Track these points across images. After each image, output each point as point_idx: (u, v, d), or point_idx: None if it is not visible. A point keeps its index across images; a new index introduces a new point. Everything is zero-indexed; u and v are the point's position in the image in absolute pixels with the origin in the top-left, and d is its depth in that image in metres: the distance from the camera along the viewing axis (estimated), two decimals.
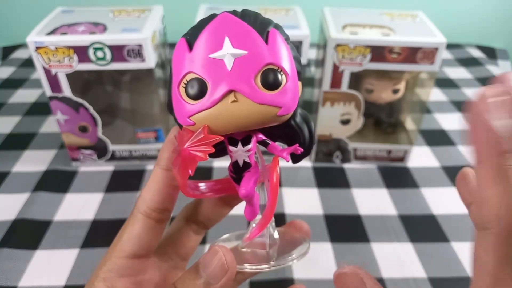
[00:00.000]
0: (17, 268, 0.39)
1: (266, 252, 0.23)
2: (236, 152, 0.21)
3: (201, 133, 0.18)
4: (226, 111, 0.18)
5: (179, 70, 0.19)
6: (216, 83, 0.18)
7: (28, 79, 0.73)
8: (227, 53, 0.18)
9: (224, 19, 0.19)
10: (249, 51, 0.18)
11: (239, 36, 0.18)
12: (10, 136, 0.58)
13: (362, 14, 0.51)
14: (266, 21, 0.19)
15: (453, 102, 0.69)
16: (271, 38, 0.18)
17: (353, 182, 0.51)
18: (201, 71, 0.18)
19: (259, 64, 0.18)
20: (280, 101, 0.18)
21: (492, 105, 0.15)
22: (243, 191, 0.21)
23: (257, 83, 0.18)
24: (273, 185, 0.20)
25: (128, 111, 0.51)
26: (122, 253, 0.21)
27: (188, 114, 0.18)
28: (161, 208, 0.22)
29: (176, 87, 0.19)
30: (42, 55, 0.42)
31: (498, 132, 0.15)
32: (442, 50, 0.44)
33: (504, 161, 0.15)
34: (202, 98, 0.18)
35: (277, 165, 0.20)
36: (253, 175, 0.21)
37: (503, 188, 0.15)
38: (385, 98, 0.51)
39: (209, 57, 0.18)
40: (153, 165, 0.53)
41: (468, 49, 0.87)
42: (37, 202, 0.47)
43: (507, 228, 0.14)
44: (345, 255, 0.42)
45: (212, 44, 0.18)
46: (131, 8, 0.50)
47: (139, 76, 0.47)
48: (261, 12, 0.50)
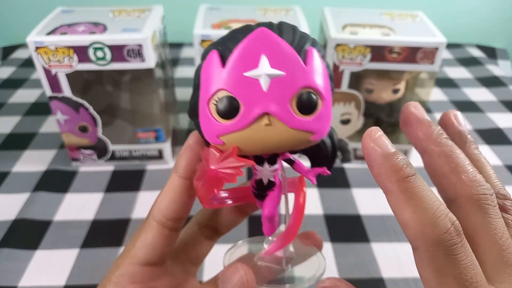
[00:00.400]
0: (17, 268, 0.39)
1: (282, 268, 0.23)
2: (262, 171, 0.20)
3: (231, 154, 0.18)
4: (258, 134, 0.17)
5: (210, 85, 0.18)
6: (250, 104, 0.17)
7: (28, 79, 0.73)
8: (264, 73, 0.17)
9: (262, 34, 0.17)
10: (286, 72, 0.17)
11: (276, 55, 0.17)
12: (10, 136, 0.58)
13: (362, 14, 0.51)
14: (304, 38, 0.18)
15: (453, 102, 0.69)
16: (309, 58, 0.17)
17: (353, 182, 0.51)
18: (234, 89, 0.17)
19: (296, 86, 0.17)
20: (314, 127, 0.18)
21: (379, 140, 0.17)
22: (267, 213, 0.20)
23: (293, 106, 0.17)
24: (300, 206, 0.20)
25: (128, 111, 0.51)
26: (135, 260, 0.21)
27: (218, 133, 0.18)
28: (177, 217, 0.21)
29: (205, 103, 0.18)
30: (42, 55, 0.42)
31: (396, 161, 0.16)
32: (442, 50, 0.44)
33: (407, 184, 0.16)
34: (233, 118, 0.17)
35: (304, 186, 0.20)
36: (277, 195, 0.21)
37: (414, 208, 0.16)
38: (385, 98, 0.51)
39: (243, 75, 0.17)
40: (153, 165, 0.53)
41: (468, 49, 0.87)
42: (37, 202, 0.47)
43: (429, 245, 0.15)
44: (345, 255, 0.42)
45: (248, 62, 0.17)
46: (131, 8, 0.50)
47: (139, 76, 0.47)
48: (261, 12, 0.51)
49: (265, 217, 0.21)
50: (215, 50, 0.18)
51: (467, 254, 0.15)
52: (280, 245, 0.21)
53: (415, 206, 0.16)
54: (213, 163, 0.18)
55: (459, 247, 0.15)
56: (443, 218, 0.15)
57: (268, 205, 0.21)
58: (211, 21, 0.47)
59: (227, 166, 0.18)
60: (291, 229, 0.20)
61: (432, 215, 0.15)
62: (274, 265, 0.23)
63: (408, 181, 0.16)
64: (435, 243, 0.15)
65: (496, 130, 0.62)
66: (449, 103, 0.69)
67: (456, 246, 0.15)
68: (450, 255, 0.15)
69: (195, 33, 0.44)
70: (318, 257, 0.23)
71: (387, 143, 0.17)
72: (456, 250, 0.15)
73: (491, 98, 0.70)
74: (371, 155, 0.17)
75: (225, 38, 0.18)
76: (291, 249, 0.23)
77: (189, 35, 0.46)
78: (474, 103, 0.69)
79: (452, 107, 0.68)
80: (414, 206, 0.16)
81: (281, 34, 0.17)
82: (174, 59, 0.81)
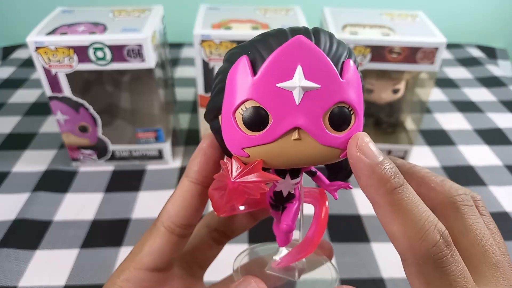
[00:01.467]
0: (17, 268, 0.39)
1: (294, 280, 0.22)
2: (283, 184, 0.19)
3: (256, 169, 0.17)
4: (286, 148, 0.16)
5: (237, 93, 0.16)
6: (280, 117, 0.16)
7: (28, 79, 0.73)
8: (298, 85, 0.16)
9: (298, 42, 0.16)
10: (322, 84, 0.16)
11: (312, 66, 0.16)
12: (10, 136, 0.59)
13: (362, 14, 0.51)
14: (341, 48, 0.17)
15: (453, 102, 0.69)
16: (345, 71, 0.16)
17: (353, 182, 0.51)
18: (264, 100, 0.16)
19: (331, 101, 0.16)
20: (346, 144, 0.17)
21: (365, 149, 0.16)
22: (285, 227, 0.20)
23: (325, 122, 0.16)
24: (321, 221, 0.19)
25: (128, 111, 0.51)
26: (141, 265, 0.21)
27: (243, 145, 0.17)
28: (186, 224, 0.21)
29: (231, 112, 0.17)
30: (42, 55, 0.43)
31: (384, 172, 0.16)
32: (442, 50, 0.44)
33: (395, 197, 0.15)
34: (261, 131, 0.16)
35: (326, 200, 0.19)
36: (296, 209, 0.20)
37: (402, 221, 0.15)
38: (385, 98, 0.51)
39: (275, 86, 0.16)
40: (153, 165, 0.53)
41: (468, 49, 0.87)
42: (37, 202, 0.47)
43: (417, 258, 0.15)
44: (345, 255, 0.42)
45: (281, 72, 0.16)
46: (131, 8, 0.50)
47: (139, 76, 0.47)
48: (261, 12, 0.51)
49: (283, 231, 0.20)
50: (246, 55, 0.16)
51: (457, 264, 0.15)
52: (295, 259, 0.21)
53: (403, 219, 0.15)
54: (236, 176, 0.17)
55: (448, 258, 0.15)
56: (431, 231, 0.15)
57: (287, 219, 0.20)
58: (211, 21, 0.47)
59: (250, 180, 0.17)
60: (310, 243, 0.20)
61: (421, 228, 0.15)
62: (285, 277, 0.22)
63: (395, 193, 0.15)
64: (424, 257, 0.15)
65: (496, 130, 0.62)
66: (449, 103, 0.69)
67: (446, 258, 0.15)
68: (440, 268, 0.15)
69: (195, 33, 0.44)
70: (330, 268, 0.22)
71: (374, 152, 0.16)
72: (446, 262, 0.15)
73: (491, 98, 0.70)
74: (357, 165, 0.16)
75: (256, 42, 0.17)
76: (303, 260, 0.23)
77: (189, 35, 0.46)
78: (474, 103, 0.69)
79: (452, 107, 0.68)
80: (402, 219, 0.15)
81: (318, 43, 0.16)
82: (174, 59, 0.80)
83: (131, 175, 0.52)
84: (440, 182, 0.19)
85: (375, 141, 0.49)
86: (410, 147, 0.53)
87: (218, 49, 0.44)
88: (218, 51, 0.44)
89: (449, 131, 0.62)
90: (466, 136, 0.60)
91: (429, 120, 0.64)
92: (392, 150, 0.53)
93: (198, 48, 0.44)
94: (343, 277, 0.39)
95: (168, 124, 0.53)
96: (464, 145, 0.58)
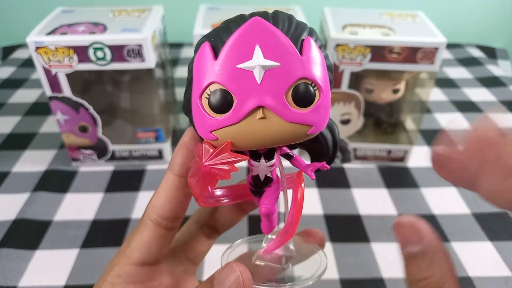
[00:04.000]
0: (17, 268, 0.39)
1: (282, 267, 0.22)
2: (258, 167, 0.19)
3: (224, 150, 0.17)
4: (252, 128, 0.17)
5: (201, 78, 0.17)
6: (243, 97, 0.16)
7: (28, 79, 0.73)
8: (257, 65, 0.16)
9: (255, 24, 0.16)
10: (281, 62, 0.16)
11: (271, 45, 0.16)
12: (10, 136, 0.58)
13: (362, 14, 0.51)
14: (300, 27, 0.17)
15: (453, 102, 0.69)
16: (305, 48, 0.17)
17: (353, 182, 0.51)
18: (227, 82, 0.16)
19: (292, 78, 0.16)
20: (312, 120, 0.17)
21: None
22: (264, 210, 0.20)
23: (288, 99, 0.16)
24: (298, 202, 0.19)
25: (128, 111, 0.51)
26: (130, 260, 0.21)
27: (210, 128, 0.17)
28: (172, 216, 0.21)
29: (197, 97, 0.17)
30: (42, 55, 0.42)
31: None
32: (442, 50, 0.44)
33: None
34: (226, 112, 0.16)
35: (302, 181, 0.19)
36: (274, 191, 0.20)
37: None
38: (385, 98, 0.51)
39: (236, 67, 0.16)
40: (153, 165, 0.53)
41: (468, 49, 0.87)
42: (37, 202, 0.47)
43: None
44: (345, 255, 0.42)
45: (241, 53, 0.16)
46: (131, 8, 0.50)
47: (139, 76, 0.47)
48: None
49: (261, 214, 0.20)
50: (207, 41, 0.17)
51: None
52: (278, 243, 0.21)
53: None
54: (206, 159, 0.17)
55: None
56: None
57: (265, 202, 0.20)
58: (211, 21, 0.47)
59: (220, 162, 0.17)
60: (289, 226, 0.20)
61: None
62: (273, 264, 0.22)
63: None
64: None
65: None
66: (449, 103, 0.69)
67: None
68: None
69: (195, 33, 0.44)
70: (320, 255, 0.23)
71: None
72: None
73: (491, 98, 0.70)
74: None
75: (218, 29, 0.17)
76: (291, 247, 0.23)
77: (189, 35, 0.46)
78: (474, 103, 0.69)
79: (452, 107, 0.68)
80: None
81: (276, 24, 0.17)
82: (174, 59, 0.81)
83: (131, 175, 0.52)
84: None
85: (375, 141, 0.49)
86: (410, 147, 0.53)
87: None
88: None
89: (449, 131, 0.62)
90: None
91: (429, 120, 0.64)
92: (392, 150, 0.53)
93: None
94: (343, 277, 0.39)
95: (168, 124, 0.53)
96: None
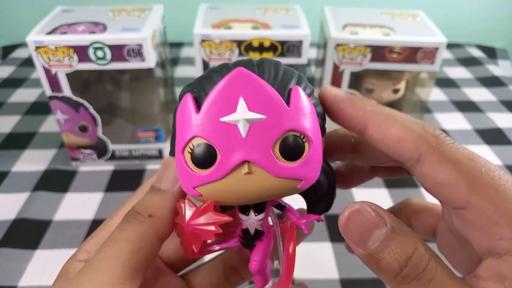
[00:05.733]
0: (17, 268, 0.39)
1: None
2: (248, 221, 0.18)
3: (207, 209, 0.16)
4: (238, 183, 0.16)
5: (184, 132, 0.16)
6: (227, 152, 0.15)
7: (28, 79, 0.73)
8: (242, 118, 0.15)
9: (239, 75, 0.16)
10: (267, 115, 0.15)
11: (256, 97, 0.15)
12: (10, 135, 0.58)
13: (362, 14, 0.51)
14: (287, 77, 0.16)
15: (453, 102, 0.69)
16: (293, 98, 0.16)
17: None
18: (210, 136, 0.15)
19: (279, 130, 0.15)
20: (302, 174, 0.16)
21: None
22: (254, 266, 0.19)
23: (276, 152, 0.16)
24: (290, 257, 0.18)
25: (128, 110, 0.51)
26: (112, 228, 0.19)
27: (193, 184, 0.16)
28: None
29: (180, 151, 0.16)
30: (42, 55, 0.42)
31: None
32: (442, 49, 0.44)
33: None
34: (210, 168, 0.16)
35: (294, 235, 0.18)
36: (265, 246, 0.19)
37: None
38: (385, 98, 0.51)
39: (220, 121, 0.15)
40: (153, 164, 0.53)
41: (468, 48, 0.87)
42: (37, 201, 0.47)
43: None
44: (345, 255, 0.41)
45: (224, 105, 0.15)
46: (131, 8, 0.50)
47: (139, 75, 0.47)
48: (261, 11, 0.51)
49: (252, 271, 0.19)
50: (189, 93, 0.16)
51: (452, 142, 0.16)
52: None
53: None
54: (188, 219, 0.17)
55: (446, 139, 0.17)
56: None
57: (255, 258, 0.19)
58: (211, 20, 0.47)
59: (203, 222, 0.16)
60: (282, 281, 0.18)
61: None
62: None
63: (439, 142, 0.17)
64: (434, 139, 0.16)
65: (496, 130, 0.62)
66: (449, 103, 0.69)
67: None
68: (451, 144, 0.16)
69: (195, 32, 0.44)
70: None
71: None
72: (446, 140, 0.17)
73: (491, 98, 0.70)
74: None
75: (202, 78, 0.16)
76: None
77: (189, 34, 0.46)
78: (474, 103, 0.69)
79: (452, 107, 0.68)
80: None
81: (261, 74, 0.16)
82: (174, 58, 0.80)
83: (131, 174, 0.52)
84: None
85: None
86: None
87: (218, 49, 0.44)
88: (218, 50, 0.44)
89: (449, 131, 0.62)
90: (466, 136, 0.60)
91: (429, 120, 0.64)
92: None
93: (198, 47, 0.44)
94: (343, 277, 0.39)
95: (168, 123, 0.53)
96: (464, 145, 0.58)
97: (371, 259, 0.15)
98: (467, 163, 0.16)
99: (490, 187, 0.15)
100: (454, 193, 0.15)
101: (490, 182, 0.15)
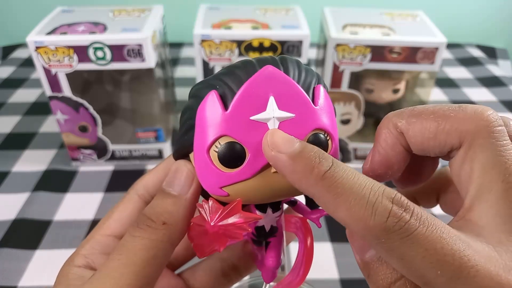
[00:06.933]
0: (17, 268, 0.39)
1: None
2: (265, 218, 0.18)
3: (235, 209, 0.16)
4: (266, 182, 0.16)
5: (209, 130, 0.16)
6: (257, 151, 0.15)
7: (28, 79, 0.73)
8: (273, 117, 0.15)
9: (267, 72, 0.16)
10: (296, 113, 0.15)
11: (284, 96, 0.15)
12: (10, 136, 0.58)
13: (362, 14, 0.51)
14: (310, 74, 0.17)
15: (453, 102, 0.69)
16: (317, 97, 0.16)
17: None
18: (239, 135, 0.15)
19: (307, 129, 0.16)
20: None
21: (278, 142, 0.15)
22: (272, 262, 0.19)
23: None
24: (308, 251, 0.18)
25: (128, 110, 0.51)
26: (108, 231, 0.20)
27: (220, 184, 0.16)
28: None
29: (205, 150, 0.16)
30: (42, 55, 0.42)
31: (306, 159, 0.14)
32: (442, 49, 0.44)
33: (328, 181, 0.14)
34: (238, 167, 0.15)
35: (310, 229, 0.18)
36: (279, 242, 0.19)
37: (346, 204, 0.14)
38: (385, 98, 0.51)
39: (249, 119, 0.15)
40: (153, 165, 0.53)
41: (468, 48, 0.87)
42: (37, 202, 0.47)
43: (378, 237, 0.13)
44: (345, 255, 0.42)
45: (254, 104, 0.15)
46: (131, 8, 0.50)
47: (139, 75, 0.47)
48: (261, 12, 0.51)
49: (270, 267, 0.19)
50: (214, 90, 0.16)
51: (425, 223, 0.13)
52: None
53: (346, 201, 0.14)
54: (215, 219, 0.16)
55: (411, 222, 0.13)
56: (380, 201, 0.13)
57: (272, 255, 0.19)
58: (211, 21, 0.47)
59: (232, 222, 0.16)
60: (299, 277, 0.19)
61: (367, 202, 0.13)
62: None
63: (327, 176, 0.14)
64: (384, 232, 0.13)
65: None
66: (449, 103, 0.69)
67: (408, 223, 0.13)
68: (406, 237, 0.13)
69: (195, 33, 0.44)
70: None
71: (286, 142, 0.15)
72: (410, 228, 0.13)
73: (491, 98, 0.70)
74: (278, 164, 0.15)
75: (223, 76, 0.16)
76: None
77: (189, 35, 0.46)
78: (474, 103, 0.69)
79: None
80: (345, 201, 0.14)
81: (287, 71, 0.16)
82: (174, 59, 0.80)
83: (131, 175, 0.52)
84: (458, 108, 0.16)
85: None
86: None
87: (218, 49, 0.44)
88: (218, 51, 0.44)
89: None
90: None
91: None
92: None
93: (198, 48, 0.44)
94: (343, 277, 0.39)
95: (168, 124, 0.53)
96: None
97: None
98: None
99: None
100: None
101: None
